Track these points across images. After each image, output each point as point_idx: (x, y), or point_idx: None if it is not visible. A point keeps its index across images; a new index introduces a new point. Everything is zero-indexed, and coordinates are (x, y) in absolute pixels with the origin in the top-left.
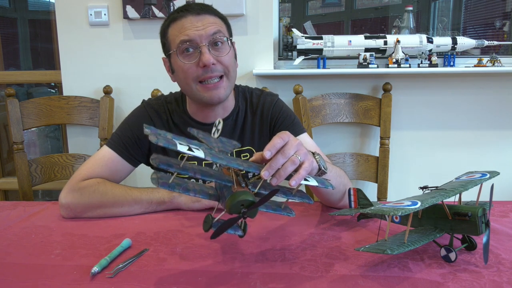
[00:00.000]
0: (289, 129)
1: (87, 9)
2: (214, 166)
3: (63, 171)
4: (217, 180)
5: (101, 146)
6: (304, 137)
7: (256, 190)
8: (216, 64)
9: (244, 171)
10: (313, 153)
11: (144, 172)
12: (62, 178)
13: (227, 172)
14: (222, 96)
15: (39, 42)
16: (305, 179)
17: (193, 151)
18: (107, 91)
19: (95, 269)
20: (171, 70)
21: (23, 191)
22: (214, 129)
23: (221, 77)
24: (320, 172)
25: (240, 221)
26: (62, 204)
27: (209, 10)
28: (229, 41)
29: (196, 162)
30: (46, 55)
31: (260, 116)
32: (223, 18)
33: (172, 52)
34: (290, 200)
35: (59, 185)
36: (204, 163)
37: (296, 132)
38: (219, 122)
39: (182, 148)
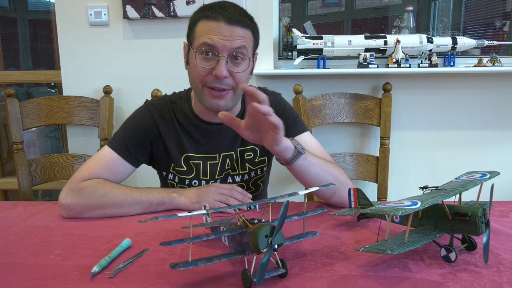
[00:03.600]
0: (291, 127)
1: (87, 9)
2: (222, 228)
3: (63, 171)
4: (230, 233)
5: (101, 146)
6: (306, 135)
7: (270, 220)
8: (228, 78)
9: (248, 207)
10: (291, 139)
11: (144, 172)
12: (62, 178)
13: (236, 226)
14: (223, 107)
15: (39, 42)
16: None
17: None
18: (107, 91)
19: (95, 269)
20: (187, 60)
21: (23, 191)
22: (204, 217)
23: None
24: (297, 152)
25: (277, 258)
26: (61, 204)
27: (242, 21)
28: (248, 59)
29: None
30: (46, 55)
31: None
32: (254, 31)
33: (192, 47)
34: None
35: (59, 185)
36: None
37: (298, 130)
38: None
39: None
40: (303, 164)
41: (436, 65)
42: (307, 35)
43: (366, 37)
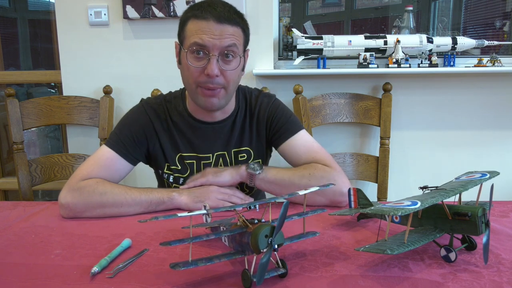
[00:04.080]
0: (285, 127)
1: (87, 9)
2: (222, 228)
3: (63, 171)
4: (230, 233)
5: (101, 146)
6: (301, 134)
7: (270, 220)
8: (220, 76)
9: (248, 207)
10: (248, 163)
11: (143, 171)
12: (62, 178)
13: (236, 226)
14: (216, 105)
15: (39, 42)
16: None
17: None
18: (107, 91)
19: (95, 269)
20: (179, 59)
21: (23, 191)
22: (204, 217)
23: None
24: (251, 175)
25: (277, 258)
26: (61, 204)
27: (231, 19)
28: (239, 57)
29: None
30: (46, 55)
31: (257, 117)
32: (244, 28)
33: (183, 47)
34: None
35: (59, 185)
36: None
37: (293, 130)
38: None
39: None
40: (259, 184)
41: (436, 65)
42: (307, 35)
43: (366, 37)
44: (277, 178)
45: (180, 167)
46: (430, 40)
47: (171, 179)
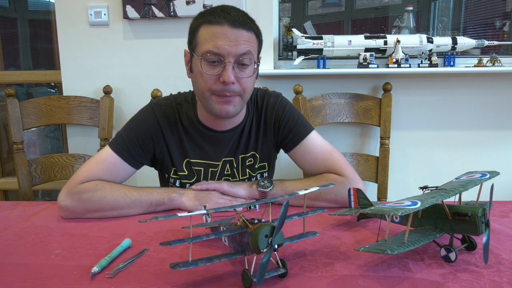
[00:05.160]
0: (294, 131)
1: (87, 9)
2: (222, 228)
3: (63, 171)
4: (230, 233)
5: (101, 146)
6: (312, 137)
7: (270, 220)
8: (235, 84)
9: (248, 207)
10: (258, 180)
11: (144, 172)
12: (62, 178)
13: (236, 226)
14: (231, 112)
15: (39, 42)
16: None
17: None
18: (107, 91)
19: (95, 269)
20: (190, 68)
21: (23, 191)
22: (204, 217)
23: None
24: (262, 193)
25: (277, 258)
26: (60, 206)
27: (246, 24)
28: (254, 63)
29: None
30: (46, 55)
31: (264, 119)
32: (257, 34)
33: (196, 54)
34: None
35: (59, 185)
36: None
37: (302, 134)
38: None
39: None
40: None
41: (436, 65)
42: (307, 35)
43: (366, 37)
44: (288, 192)
45: (187, 173)
46: (430, 40)
47: (177, 184)
